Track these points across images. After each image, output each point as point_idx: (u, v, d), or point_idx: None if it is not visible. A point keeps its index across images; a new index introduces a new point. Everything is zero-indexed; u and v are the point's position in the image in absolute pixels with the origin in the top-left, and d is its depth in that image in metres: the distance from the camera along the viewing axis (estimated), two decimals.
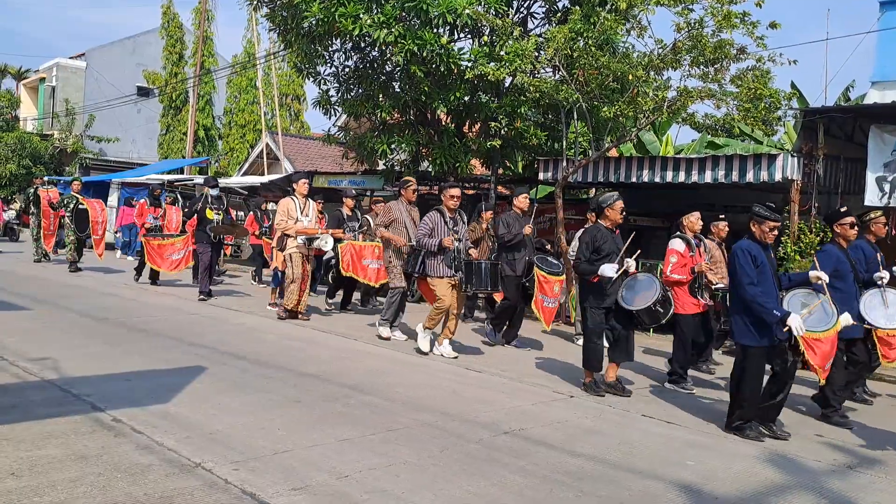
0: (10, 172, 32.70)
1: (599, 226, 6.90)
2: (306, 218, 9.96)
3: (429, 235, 7.88)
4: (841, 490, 4.46)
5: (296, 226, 9.81)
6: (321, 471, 4.12)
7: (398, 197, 9.22)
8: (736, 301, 5.68)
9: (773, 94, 10.51)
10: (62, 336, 7.77)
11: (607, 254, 6.66)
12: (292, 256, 9.79)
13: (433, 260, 7.89)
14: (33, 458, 3.99)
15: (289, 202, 9.93)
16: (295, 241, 9.76)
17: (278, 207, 9.96)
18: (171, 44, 34.22)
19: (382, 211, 8.86)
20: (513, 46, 11.26)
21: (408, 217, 8.84)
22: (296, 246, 9.77)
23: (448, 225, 7.94)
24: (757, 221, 5.89)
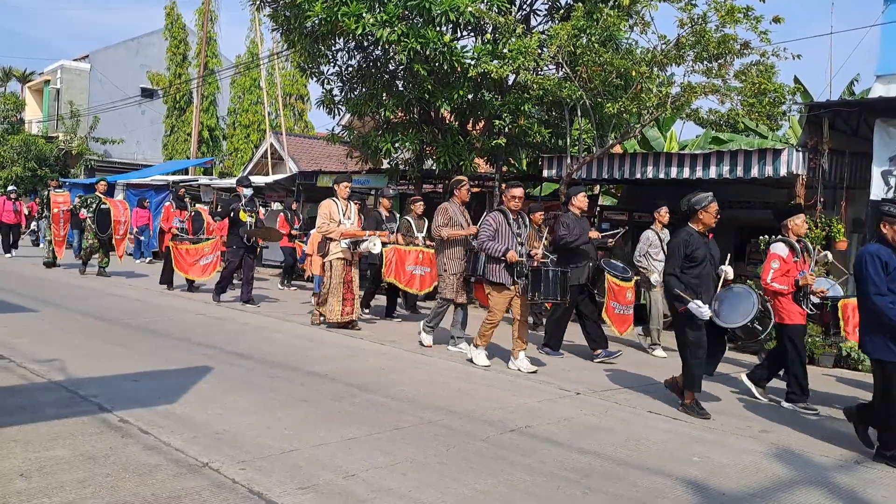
0: (16, 175, 32.82)
1: (690, 230, 6.16)
2: (348, 221, 9.33)
3: (492, 238, 7.26)
4: (849, 485, 4.45)
5: (339, 228, 9.14)
6: (328, 470, 4.13)
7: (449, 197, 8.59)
8: (866, 312, 5.07)
9: (778, 88, 10.48)
10: (69, 337, 7.80)
11: (701, 261, 6.02)
12: (332, 264, 9.14)
13: (494, 264, 7.29)
14: (42, 460, 4.01)
15: (331, 204, 9.25)
16: (338, 245, 9.13)
17: (320, 210, 9.29)
18: (175, 45, 34.28)
19: (439, 212, 8.15)
20: (516, 44, 11.25)
21: (462, 219, 8.28)
22: (340, 251, 9.13)
23: (512, 227, 7.34)
24: (888, 221, 5.12)
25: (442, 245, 8.25)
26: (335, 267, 9.14)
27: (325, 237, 9.25)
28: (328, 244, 9.21)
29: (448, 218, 8.19)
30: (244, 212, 11.21)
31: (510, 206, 7.43)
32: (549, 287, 7.15)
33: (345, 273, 9.20)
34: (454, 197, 8.42)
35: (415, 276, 10.45)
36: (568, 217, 8.35)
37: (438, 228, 8.19)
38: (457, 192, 8.40)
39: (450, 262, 8.20)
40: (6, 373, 6.00)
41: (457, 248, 8.20)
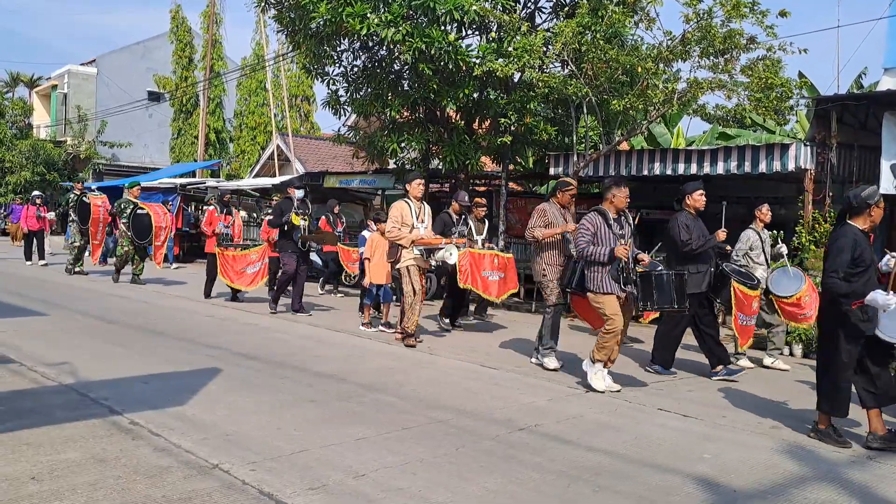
0: (25, 180, 33.01)
1: (854, 228, 5.28)
2: (422, 224, 8.44)
3: (592, 242, 6.44)
4: (861, 481, 4.43)
5: (411, 234, 8.28)
6: (337, 470, 4.13)
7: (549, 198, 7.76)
8: None
9: (785, 83, 10.44)
10: (78, 340, 7.83)
11: (867, 266, 5.27)
12: (410, 270, 8.35)
13: (596, 272, 6.38)
14: (53, 462, 4.02)
15: (402, 206, 8.39)
16: (411, 252, 8.31)
17: (390, 213, 8.45)
18: (181, 48, 34.42)
19: (536, 214, 7.41)
20: (521, 42, 11.24)
21: (562, 220, 7.47)
22: (412, 258, 8.33)
23: (613, 229, 6.45)
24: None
25: (538, 249, 7.49)
26: (411, 273, 8.36)
27: (395, 243, 8.43)
28: (399, 250, 8.39)
29: (546, 221, 7.39)
30: (297, 214, 10.49)
31: (618, 205, 6.54)
32: (665, 293, 6.37)
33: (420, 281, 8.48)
34: (554, 198, 7.62)
35: (491, 281, 9.74)
36: (684, 217, 7.35)
37: (532, 229, 7.40)
38: (559, 195, 7.60)
39: (549, 269, 7.42)
40: (17, 376, 6.03)
41: (555, 252, 7.42)
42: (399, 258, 8.41)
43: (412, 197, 8.48)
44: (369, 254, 9.32)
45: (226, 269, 11.26)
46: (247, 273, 11.29)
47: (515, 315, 12.14)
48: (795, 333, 8.94)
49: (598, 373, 6.50)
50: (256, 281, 11.40)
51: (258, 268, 11.37)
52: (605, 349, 6.45)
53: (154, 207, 14.19)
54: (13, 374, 6.12)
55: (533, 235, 7.41)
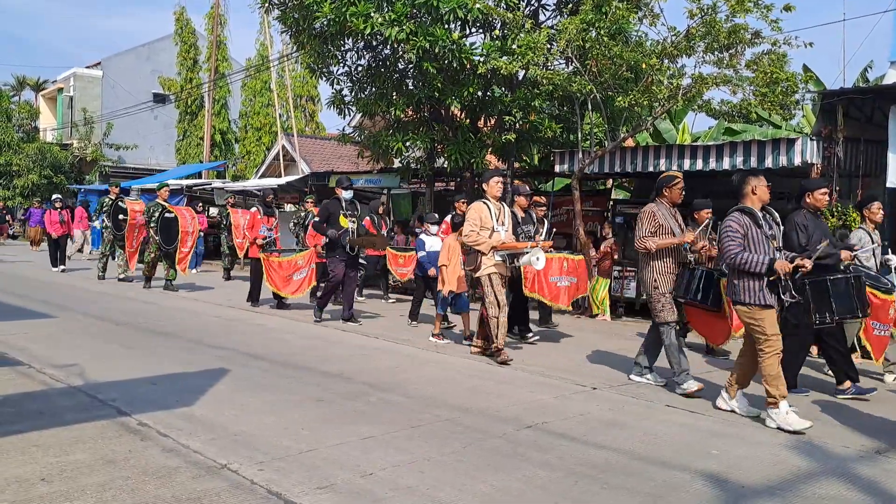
0: (32, 183, 33.17)
1: None
2: (503, 227, 7.60)
3: (742, 247, 5.46)
4: (870, 476, 4.41)
5: (491, 240, 7.49)
6: (345, 469, 4.14)
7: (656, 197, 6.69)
8: None
9: (790, 77, 10.41)
10: (86, 341, 7.87)
11: None
12: (491, 279, 7.51)
13: (750, 281, 5.44)
14: (63, 464, 4.05)
15: (481, 208, 7.58)
16: (491, 258, 7.52)
17: (468, 216, 7.64)
18: (185, 49, 34.50)
19: (644, 218, 6.48)
20: (525, 39, 11.23)
21: (674, 223, 6.56)
22: (494, 265, 7.52)
23: (764, 230, 5.53)
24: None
25: (648, 257, 6.52)
26: (494, 282, 7.52)
27: (472, 248, 7.60)
28: (479, 257, 7.52)
29: (657, 224, 6.46)
30: (345, 217, 9.76)
31: (764, 199, 5.67)
32: (844, 300, 5.58)
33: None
34: (662, 197, 6.62)
35: (560, 287, 8.89)
36: (801, 217, 6.35)
37: (645, 239, 6.43)
38: (666, 192, 6.61)
39: (662, 279, 6.47)
40: (26, 378, 6.07)
41: (668, 259, 6.48)
42: (479, 266, 7.54)
43: (490, 197, 7.65)
44: (445, 260, 8.55)
45: (271, 276, 10.70)
46: (293, 280, 10.75)
47: None
48: None
49: (788, 412, 5.38)
50: (303, 288, 10.90)
51: (305, 274, 10.82)
52: (777, 379, 5.41)
53: (182, 211, 13.64)
54: (22, 376, 6.15)
55: (645, 247, 6.43)
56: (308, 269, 10.80)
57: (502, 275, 7.61)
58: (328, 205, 9.95)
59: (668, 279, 6.47)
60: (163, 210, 13.20)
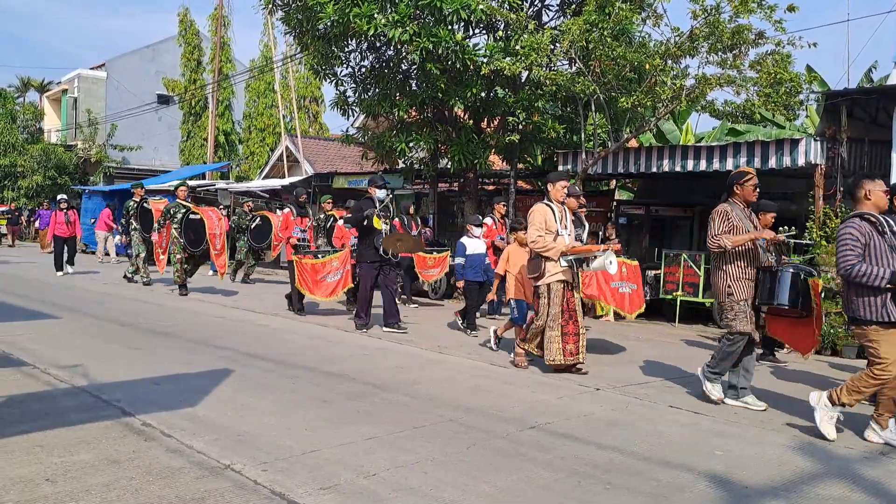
0: (37, 184, 33.25)
1: None
2: (566, 231, 7.11)
3: (861, 257, 4.96)
4: (874, 477, 4.40)
5: (556, 243, 6.94)
6: (349, 469, 4.15)
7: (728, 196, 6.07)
8: None
9: (794, 78, 10.40)
10: (90, 342, 7.88)
11: None
12: (550, 288, 6.97)
13: (870, 296, 4.93)
14: (67, 464, 4.05)
15: (545, 211, 7.07)
16: (557, 265, 6.96)
17: (531, 219, 7.12)
18: (189, 51, 34.58)
19: (717, 217, 5.89)
20: (528, 40, 11.24)
21: (749, 223, 5.98)
22: (560, 271, 6.96)
23: (886, 238, 4.99)
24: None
25: (721, 260, 5.97)
26: (554, 292, 6.98)
27: (538, 254, 7.05)
28: (543, 263, 6.99)
29: (730, 225, 5.88)
30: (378, 218, 9.25)
31: (880, 204, 5.13)
32: None
33: (566, 299, 7.06)
34: (734, 196, 6.06)
35: (622, 293, 8.49)
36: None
37: (718, 237, 5.83)
38: (738, 189, 6.04)
39: (737, 285, 5.88)
40: (30, 379, 6.08)
41: (743, 262, 5.92)
42: (543, 272, 6.99)
43: (554, 200, 7.17)
44: (506, 267, 8.15)
45: (304, 279, 10.13)
46: (327, 282, 10.14)
47: None
48: None
49: (833, 417, 5.16)
50: (337, 291, 10.32)
51: (339, 276, 10.20)
52: (860, 394, 5.07)
53: (208, 212, 13.02)
54: (26, 376, 6.17)
55: (719, 245, 5.82)
56: (343, 270, 10.26)
57: (568, 282, 7.02)
58: (362, 204, 9.47)
59: (744, 285, 5.88)
60: (187, 211, 12.65)
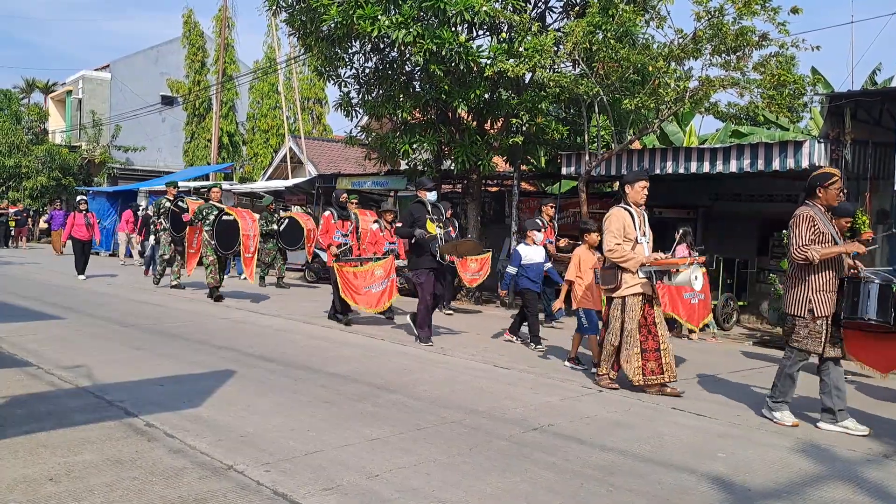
0: (41, 185, 33.33)
1: None
2: (645, 238, 6.40)
3: None
4: (877, 480, 4.39)
5: (636, 253, 6.26)
6: (351, 470, 4.15)
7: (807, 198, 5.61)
8: None
9: (798, 80, 10.39)
10: (95, 343, 7.90)
11: None
12: (626, 302, 6.31)
13: None
14: (70, 464, 4.06)
15: (623, 216, 6.32)
16: (635, 276, 6.29)
17: (608, 225, 6.33)
18: (193, 52, 34.66)
19: (801, 222, 5.37)
20: (531, 42, 11.24)
21: (833, 228, 5.48)
22: (638, 283, 6.31)
23: None
24: None
25: (804, 271, 5.43)
26: (629, 306, 6.33)
27: (614, 264, 6.36)
28: (619, 274, 6.32)
29: (817, 231, 5.36)
30: (431, 221, 8.65)
31: None
32: None
33: (644, 313, 6.39)
34: (815, 199, 5.56)
35: (693, 305, 8.08)
36: None
37: (806, 248, 5.30)
38: (821, 193, 5.54)
39: (818, 298, 5.37)
40: (35, 379, 6.09)
41: (828, 274, 5.38)
42: (619, 284, 6.33)
43: (632, 203, 6.42)
44: (575, 274, 7.53)
45: (347, 288, 9.42)
46: (372, 292, 9.42)
47: None
48: None
49: None
50: (383, 301, 9.52)
51: (385, 285, 9.49)
52: None
53: (242, 213, 12.45)
54: (31, 377, 6.19)
55: (806, 257, 5.28)
56: (389, 279, 9.55)
57: (646, 295, 6.36)
58: (412, 209, 8.88)
59: (827, 298, 5.36)
60: (220, 212, 12.18)
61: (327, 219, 10.58)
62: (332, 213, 10.64)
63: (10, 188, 34.33)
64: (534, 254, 8.79)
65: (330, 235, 10.46)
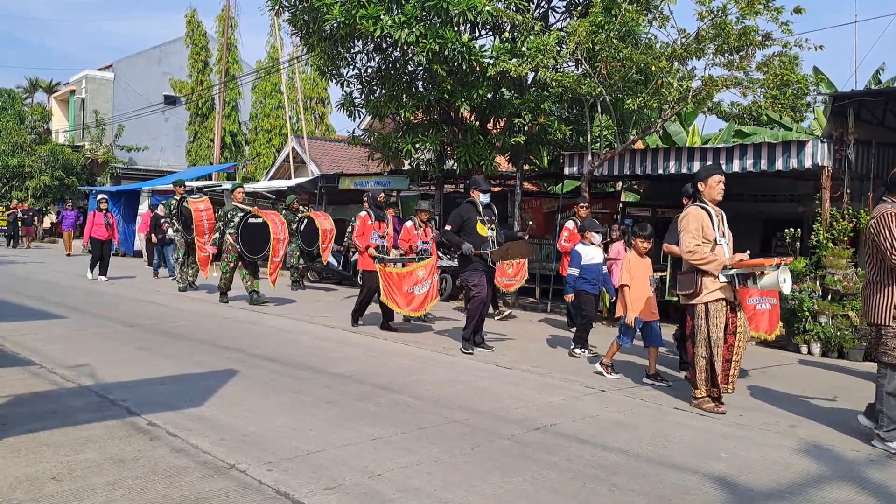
0: (44, 184, 33.38)
1: None
2: (724, 239, 5.87)
3: None
4: (880, 480, 4.38)
5: (717, 255, 5.73)
6: (354, 470, 4.15)
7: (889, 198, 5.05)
8: None
9: (801, 79, 10.38)
10: (98, 343, 7.91)
11: None
12: (710, 309, 5.74)
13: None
14: (73, 463, 4.07)
15: (701, 215, 5.83)
16: (716, 281, 5.75)
17: (685, 224, 5.85)
18: (196, 52, 34.70)
19: (889, 220, 4.88)
20: (534, 42, 11.24)
21: None
22: (720, 289, 5.73)
23: None
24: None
25: (887, 276, 5.02)
26: (713, 313, 5.73)
27: (693, 267, 5.82)
28: (699, 278, 5.77)
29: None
30: (482, 224, 8.12)
31: None
32: None
33: (728, 320, 5.78)
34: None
35: (761, 311, 7.53)
36: None
37: None
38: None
39: None
40: (37, 378, 6.10)
41: None
42: (699, 290, 5.77)
43: (708, 200, 5.94)
44: (627, 279, 6.98)
45: (390, 291, 8.94)
46: (415, 294, 8.98)
47: (531, 315, 12.12)
48: (814, 332, 8.87)
49: None
50: (425, 305, 9.10)
51: (427, 287, 9.07)
52: None
53: (271, 216, 11.96)
54: (34, 376, 6.19)
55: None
56: (431, 281, 9.14)
57: (728, 301, 5.78)
58: (461, 210, 8.32)
59: None
60: (246, 215, 11.67)
61: (364, 219, 9.96)
62: (369, 213, 10.03)
63: (13, 188, 34.37)
64: (593, 254, 8.35)
65: (367, 237, 9.87)
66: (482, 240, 8.10)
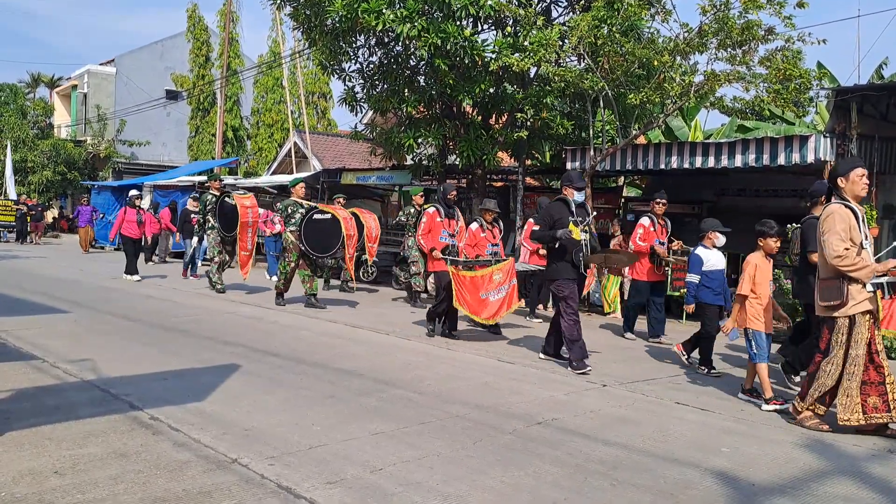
0: (46, 179, 33.40)
1: None
2: (868, 242, 5.25)
3: None
4: (882, 475, 4.39)
5: (871, 263, 5.12)
6: (355, 464, 4.16)
7: None
8: None
9: (804, 74, 10.35)
10: (101, 338, 7.92)
11: None
12: (855, 322, 5.12)
13: None
14: (75, 457, 4.08)
15: (846, 215, 5.16)
16: (863, 291, 5.11)
17: (830, 225, 5.14)
18: (198, 46, 34.67)
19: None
20: (536, 36, 11.21)
21: None
22: (866, 298, 5.12)
23: None
24: None
25: None
26: (857, 326, 5.12)
27: (840, 274, 5.14)
28: (846, 287, 5.11)
29: None
30: (575, 225, 7.19)
31: None
32: None
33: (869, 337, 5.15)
34: None
35: None
36: None
37: None
38: None
39: None
40: (41, 373, 6.12)
41: None
42: (845, 300, 5.11)
43: (850, 196, 5.27)
44: (749, 288, 6.14)
45: (462, 296, 8.27)
46: (490, 301, 8.30)
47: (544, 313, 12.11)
48: None
49: None
50: (502, 312, 8.41)
51: (504, 292, 8.38)
52: None
53: (339, 211, 11.15)
54: (36, 370, 6.21)
55: None
56: (509, 285, 8.42)
57: (872, 314, 5.16)
58: (551, 209, 7.54)
59: None
60: (310, 211, 10.83)
61: (432, 216, 9.16)
62: (438, 209, 9.20)
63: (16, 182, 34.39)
64: (716, 259, 7.31)
65: (434, 236, 9.09)
66: (575, 243, 7.19)
